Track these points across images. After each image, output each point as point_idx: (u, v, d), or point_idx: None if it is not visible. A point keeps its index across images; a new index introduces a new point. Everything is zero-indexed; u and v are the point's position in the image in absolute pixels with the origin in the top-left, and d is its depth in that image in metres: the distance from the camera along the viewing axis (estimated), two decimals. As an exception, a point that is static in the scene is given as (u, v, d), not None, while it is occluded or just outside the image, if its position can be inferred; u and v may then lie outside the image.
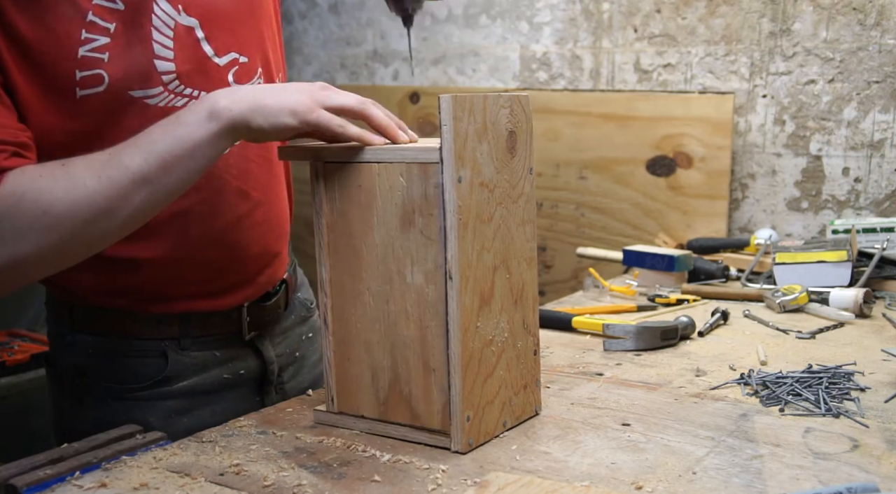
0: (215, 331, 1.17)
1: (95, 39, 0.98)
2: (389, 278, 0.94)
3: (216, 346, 1.17)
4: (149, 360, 1.14)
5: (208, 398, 1.17)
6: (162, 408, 1.13)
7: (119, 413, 1.11)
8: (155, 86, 1.02)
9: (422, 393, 0.94)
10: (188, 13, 1.05)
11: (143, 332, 1.13)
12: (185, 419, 1.14)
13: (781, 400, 1.07)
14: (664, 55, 2.18)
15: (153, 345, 1.13)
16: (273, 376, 1.24)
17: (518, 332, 0.98)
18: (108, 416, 1.09)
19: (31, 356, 2.32)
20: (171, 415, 1.13)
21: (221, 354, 1.18)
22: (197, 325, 1.15)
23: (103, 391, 1.13)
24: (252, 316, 1.19)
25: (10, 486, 0.85)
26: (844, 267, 1.61)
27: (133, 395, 1.13)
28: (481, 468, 0.89)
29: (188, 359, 1.15)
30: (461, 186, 0.88)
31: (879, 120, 1.94)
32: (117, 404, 1.13)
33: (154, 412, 1.13)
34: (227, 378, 1.19)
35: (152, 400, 1.13)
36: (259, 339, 1.22)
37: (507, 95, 0.95)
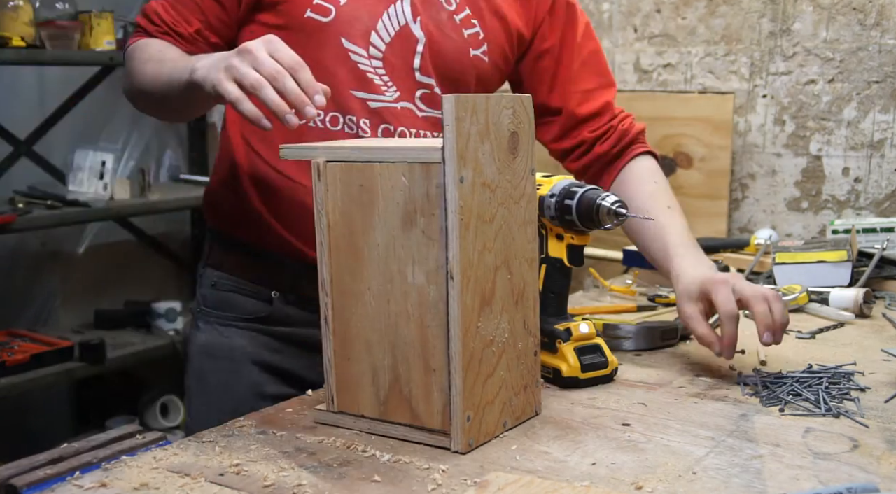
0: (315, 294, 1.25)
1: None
2: (391, 278, 0.94)
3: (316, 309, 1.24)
4: (257, 301, 1.29)
5: (298, 349, 1.29)
6: (257, 339, 1.29)
7: (222, 336, 1.29)
8: (364, 48, 1.21)
9: (422, 393, 0.94)
10: (421, 28, 1.24)
11: (260, 277, 1.29)
12: (275, 356, 1.29)
13: (781, 400, 1.07)
14: (664, 55, 2.18)
15: (263, 291, 1.29)
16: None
17: (519, 333, 0.98)
18: (213, 339, 1.30)
19: (31, 356, 2.32)
20: (263, 347, 1.28)
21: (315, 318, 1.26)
22: (304, 285, 1.23)
23: (215, 319, 1.31)
24: None
25: (10, 486, 0.85)
26: (844, 267, 1.61)
27: (236, 323, 1.30)
28: (481, 468, 0.89)
29: (290, 311, 1.28)
30: (463, 186, 0.89)
31: (879, 120, 1.94)
32: (223, 330, 1.30)
33: (250, 339, 1.29)
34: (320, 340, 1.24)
35: (251, 331, 1.29)
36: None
37: (510, 96, 0.95)
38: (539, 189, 1.12)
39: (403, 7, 1.23)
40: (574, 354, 1.13)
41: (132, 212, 2.70)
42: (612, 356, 1.15)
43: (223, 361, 1.30)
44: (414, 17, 1.23)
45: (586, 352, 1.13)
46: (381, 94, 1.23)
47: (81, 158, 2.57)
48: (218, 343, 1.30)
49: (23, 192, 2.51)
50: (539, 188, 1.12)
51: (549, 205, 1.11)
